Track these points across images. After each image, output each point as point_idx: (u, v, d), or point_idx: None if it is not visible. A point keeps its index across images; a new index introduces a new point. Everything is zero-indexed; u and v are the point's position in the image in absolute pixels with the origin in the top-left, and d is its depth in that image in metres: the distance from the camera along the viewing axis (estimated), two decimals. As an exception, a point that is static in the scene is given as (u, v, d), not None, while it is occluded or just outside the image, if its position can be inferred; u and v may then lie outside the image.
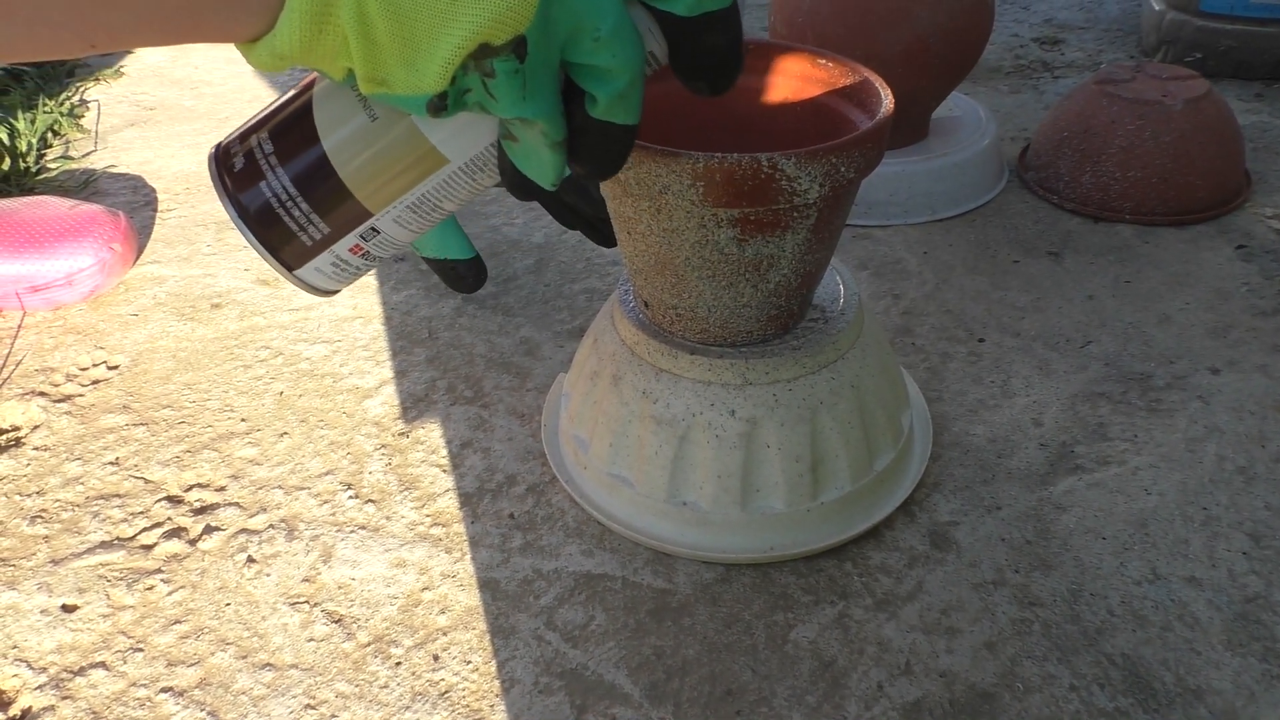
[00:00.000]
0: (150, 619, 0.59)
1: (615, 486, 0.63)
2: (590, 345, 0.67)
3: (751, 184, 0.50)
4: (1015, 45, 1.45)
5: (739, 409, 0.59)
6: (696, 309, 0.59)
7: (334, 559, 0.63)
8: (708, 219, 0.53)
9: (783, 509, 0.60)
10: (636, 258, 0.59)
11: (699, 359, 0.60)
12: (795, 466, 0.60)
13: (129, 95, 1.37)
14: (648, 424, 0.61)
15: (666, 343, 0.61)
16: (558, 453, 0.69)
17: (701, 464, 0.60)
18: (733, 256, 0.55)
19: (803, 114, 0.62)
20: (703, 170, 0.50)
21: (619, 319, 0.64)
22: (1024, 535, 0.63)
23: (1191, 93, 0.96)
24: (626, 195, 0.54)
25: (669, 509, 0.61)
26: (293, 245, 0.39)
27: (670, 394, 0.60)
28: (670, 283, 0.58)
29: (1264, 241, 0.93)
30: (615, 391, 0.63)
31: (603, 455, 0.64)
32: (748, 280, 0.56)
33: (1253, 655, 0.55)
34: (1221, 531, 0.62)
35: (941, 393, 0.75)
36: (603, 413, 0.64)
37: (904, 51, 0.90)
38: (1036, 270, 0.90)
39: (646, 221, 0.55)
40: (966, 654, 0.56)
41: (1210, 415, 0.72)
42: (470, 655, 0.57)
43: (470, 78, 0.33)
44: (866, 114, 0.58)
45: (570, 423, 0.67)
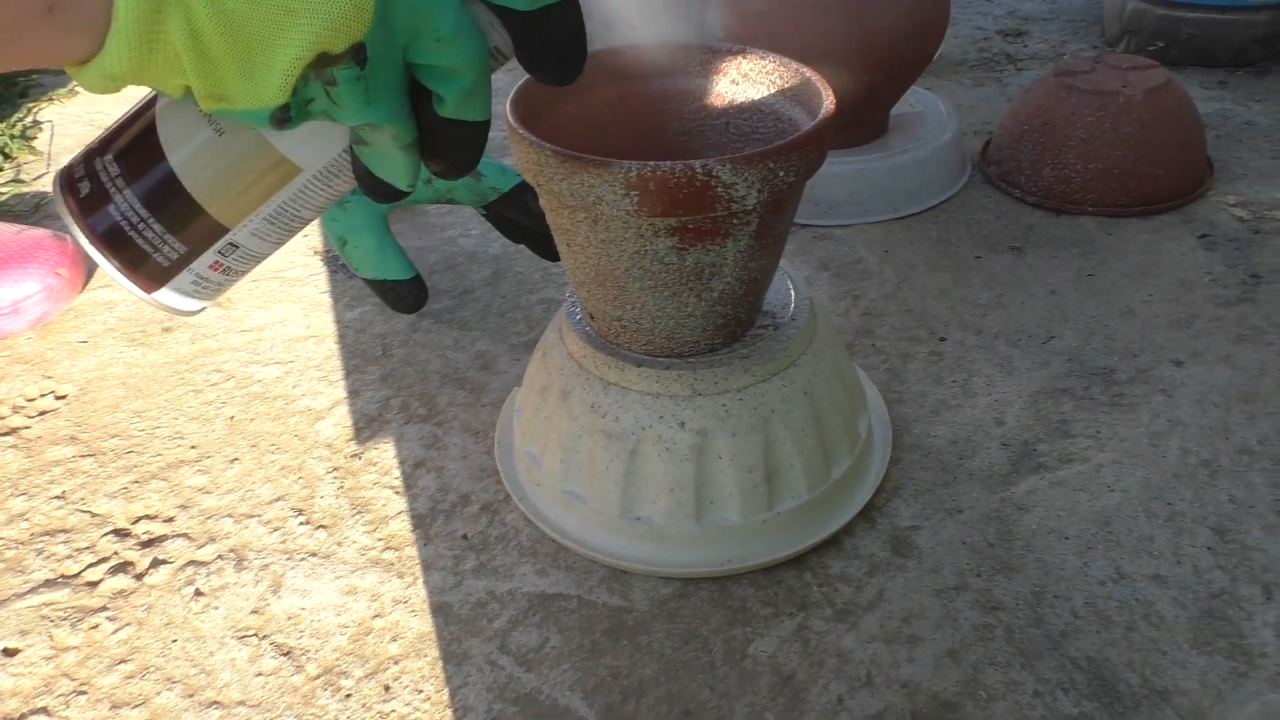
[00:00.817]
0: (94, 659, 0.58)
1: (569, 503, 0.62)
2: (540, 360, 0.66)
3: (687, 192, 0.49)
4: (979, 38, 1.44)
5: (689, 421, 0.58)
6: (641, 320, 0.58)
7: (284, 588, 0.61)
8: (644, 229, 0.52)
9: (738, 520, 0.59)
10: (578, 270, 0.58)
11: (646, 371, 0.59)
12: (749, 477, 0.59)
13: (84, 115, 1.35)
14: (598, 438, 0.60)
15: (614, 355, 0.60)
16: (511, 470, 0.68)
17: (653, 478, 0.59)
18: (673, 266, 0.54)
19: (748, 115, 0.61)
20: (636, 179, 0.49)
21: (566, 332, 0.63)
22: (986, 538, 0.62)
23: (1151, 82, 0.95)
24: (562, 207, 0.53)
25: (623, 524, 0.60)
26: (148, 266, 0.37)
27: (619, 407, 0.59)
28: (613, 294, 0.57)
29: (1226, 230, 0.92)
30: (565, 406, 0.62)
31: (555, 472, 0.62)
32: (691, 290, 0.55)
33: (1219, 653, 0.54)
34: (1186, 527, 0.61)
35: (902, 394, 0.74)
36: (553, 428, 0.62)
37: (859, 49, 0.89)
38: (999, 266, 0.89)
39: (584, 233, 0.54)
40: (928, 663, 0.55)
41: (1173, 408, 0.71)
42: (422, 684, 0.55)
43: (312, 87, 0.32)
44: (809, 114, 0.57)
45: (522, 439, 0.66)
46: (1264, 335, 0.77)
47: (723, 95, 0.61)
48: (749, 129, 0.61)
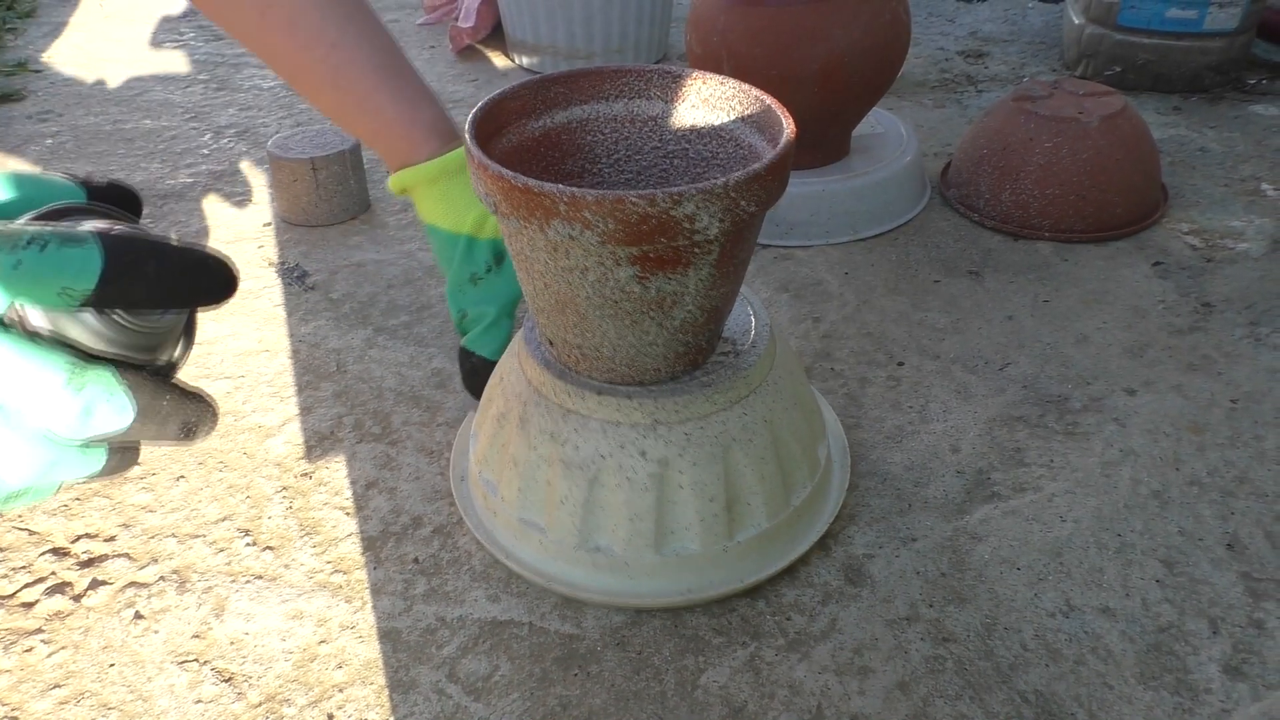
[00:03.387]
0: (28, 683, 0.56)
1: (525, 532, 0.61)
2: (497, 385, 0.65)
3: (650, 223, 0.48)
4: (940, 59, 1.45)
5: (650, 450, 0.57)
6: (601, 348, 0.57)
7: (227, 612, 0.60)
8: (606, 258, 0.51)
9: (698, 550, 0.59)
10: (536, 296, 0.56)
11: (607, 399, 0.58)
12: (710, 506, 0.58)
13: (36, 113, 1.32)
14: (556, 467, 0.59)
15: (573, 383, 0.59)
16: (466, 496, 0.67)
17: (613, 507, 0.58)
18: (635, 295, 0.53)
19: (707, 140, 0.60)
20: (597, 208, 0.48)
21: (524, 358, 0.62)
22: (939, 567, 0.62)
23: (1107, 109, 0.96)
24: (521, 234, 0.52)
25: (581, 555, 0.60)
26: None
27: (579, 436, 0.58)
28: (573, 322, 0.56)
29: (1180, 258, 0.93)
30: (523, 434, 0.60)
31: (512, 500, 0.62)
32: (652, 318, 0.54)
33: (1165, 688, 0.54)
34: (1135, 559, 0.62)
35: (860, 419, 0.74)
36: (510, 456, 0.61)
37: (820, 71, 0.89)
38: (957, 290, 0.90)
39: (543, 260, 0.53)
40: (878, 695, 0.54)
41: (1126, 438, 0.71)
42: (367, 713, 0.54)
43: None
44: (769, 141, 0.56)
45: (479, 465, 0.65)
46: (1214, 365, 0.78)
47: (682, 120, 0.61)
48: (709, 154, 0.61)
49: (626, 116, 0.61)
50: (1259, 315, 0.84)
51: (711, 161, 0.61)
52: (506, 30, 1.46)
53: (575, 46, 1.39)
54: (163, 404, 0.48)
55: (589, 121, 0.61)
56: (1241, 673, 0.55)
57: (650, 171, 0.62)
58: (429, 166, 0.67)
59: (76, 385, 0.44)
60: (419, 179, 0.67)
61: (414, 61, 1.47)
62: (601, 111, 0.61)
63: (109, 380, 0.46)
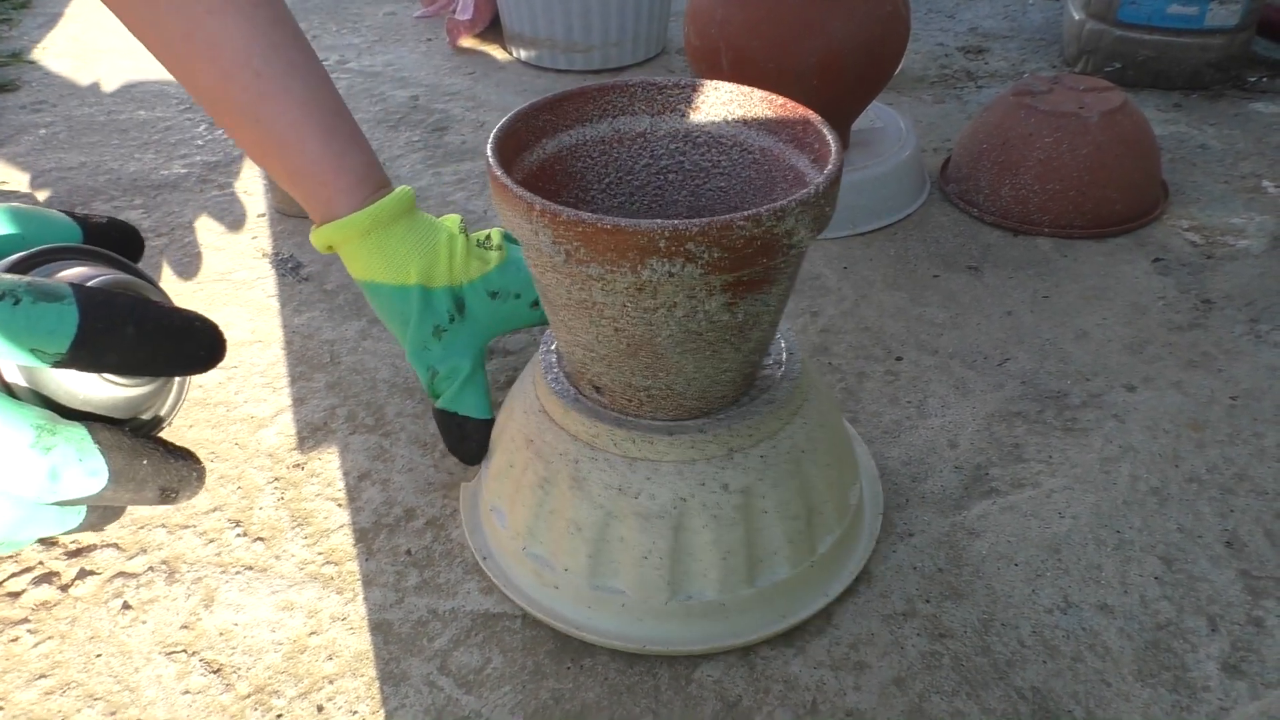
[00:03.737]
0: (13, 673, 0.55)
1: (603, 600, 0.56)
2: (522, 449, 0.58)
3: (756, 244, 0.45)
4: (940, 54, 1.45)
5: (731, 481, 0.54)
6: (674, 385, 0.52)
7: (216, 603, 0.60)
8: (700, 289, 0.46)
9: (787, 574, 0.56)
10: (599, 345, 0.51)
11: (679, 438, 0.54)
12: (794, 524, 0.56)
13: (30, 103, 1.31)
14: (630, 522, 0.54)
15: (635, 429, 0.54)
16: (509, 578, 0.59)
17: (702, 550, 0.54)
18: (721, 323, 0.49)
19: (706, 150, 0.58)
20: (701, 238, 0.43)
21: (563, 414, 0.56)
22: (936, 563, 0.61)
23: (1107, 105, 0.96)
24: (602, 279, 0.46)
25: (674, 607, 0.55)
26: None
27: (652, 484, 0.53)
28: (645, 364, 0.51)
29: (1180, 254, 0.92)
30: (581, 496, 0.54)
31: (580, 569, 0.55)
32: (731, 344, 0.51)
33: (1163, 686, 0.53)
34: (1134, 555, 0.61)
35: (857, 414, 0.73)
36: (569, 522, 0.55)
37: (819, 64, 0.89)
38: (956, 285, 0.89)
39: (622, 304, 0.47)
40: (874, 691, 0.54)
41: (1125, 434, 0.71)
42: (357, 705, 0.54)
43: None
44: (780, 139, 0.55)
45: (522, 541, 0.58)
46: (1214, 361, 0.78)
47: (673, 131, 0.58)
48: (707, 163, 0.58)
49: (614, 137, 0.58)
50: (1259, 312, 0.83)
51: (712, 170, 0.58)
52: (504, 23, 1.45)
53: (573, 40, 1.38)
54: (140, 467, 0.46)
55: (577, 148, 0.57)
56: (1240, 671, 0.54)
57: (644, 191, 0.59)
58: (359, 218, 0.61)
59: (44, 446, 0.42)
60: (349, 232, 0.61)
61: (411, 54, 1.46)
62: (588, 135, 0.57)
63: (81, 441, 0.43)
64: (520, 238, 0.48)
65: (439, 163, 1.15)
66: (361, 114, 1.28)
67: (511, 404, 0.61)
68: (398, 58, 1.47)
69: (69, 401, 0.45)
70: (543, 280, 0.50)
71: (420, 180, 1.10)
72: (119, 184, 1.10)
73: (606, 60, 1.41)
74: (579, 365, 0.55)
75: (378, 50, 1.51)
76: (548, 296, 0.51)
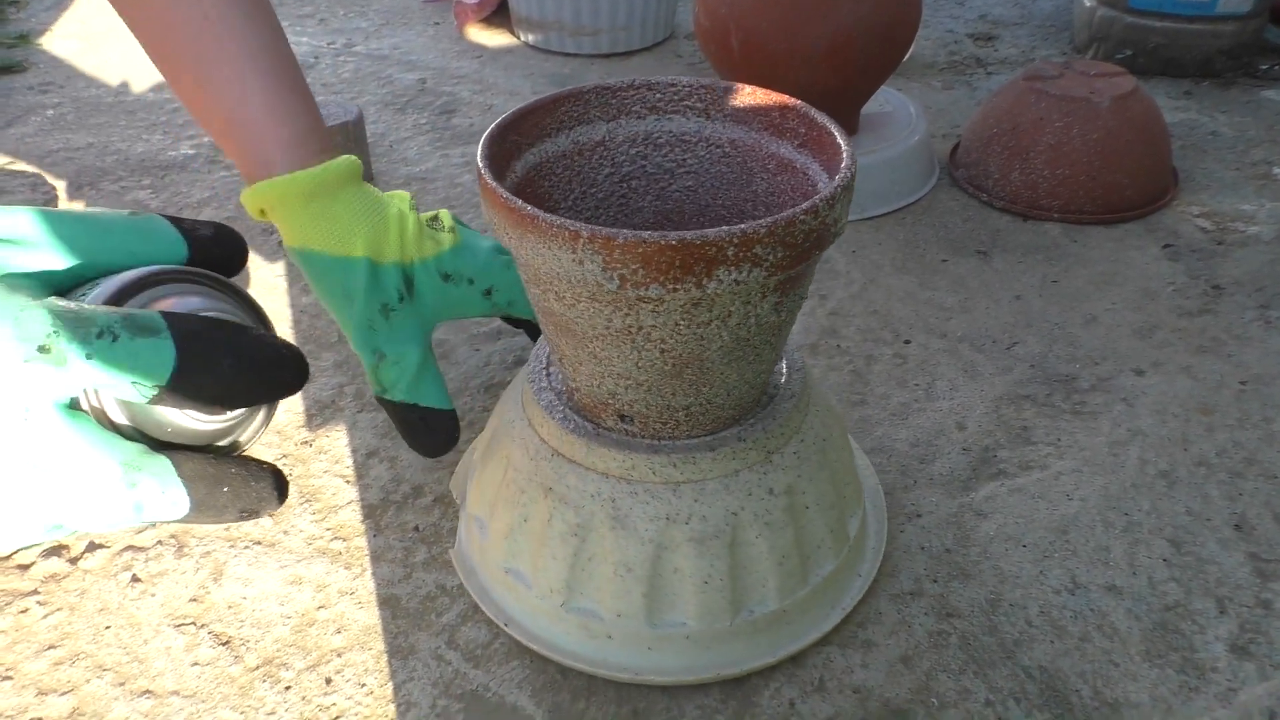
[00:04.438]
0: (22, 644, 0.56)
1: (663, 641, 0.52)
2: (544, 502, 0.52)
3: (813, 237, 0.43)
4: (949, 41, 1.44)
5: (775, 484, 0.52)
6: (715, 399, 0.50)
7: (225, 576, 0.60)
8: (755, 293, 0.44)
9: (833, 565, 0.55)
10: (638, 371, 0.48)
11: (721, 452, 0.51)
12: (832, 514, 0.55)
13: (37, 84, 1.31)
14: (685, 549, 0.51)
15: (673, 452, 0.51)
16: (546, 639, 0.54)
17: (759, 560, 0.52)
18: (768, 325, 0.47)
19: (670, 150, 0.56)
20: (769, 239, 0.41)
21: (587, 453, 0.52)
22: (944, 543, 0.61)
23: (1118, 90, 0.95)
24: (661, 300, 0.43)
25: (741, 625, 0.52)
26: None
27: (701, 506, 0.51)
28: (688, 382, 0.48)
29: (1190, 240, 0.92)
30: (627, 536, 0.51)
31: (636, 614, 0.52)
32: (770, 345, 0.49)
33: (1170, 666, 0.53)
34: (1142, 538, 0.61)
35: (865, 396, 0.73)
36: (618, 565, 0.51)
37: (830, 46, 0.88)
38: (965, 270, 0.89)
39: (675, 323, 0.44)
40: (881, 668, 0.54)
41: (1134, 418, 0.71)
42: (365, 678, 0.54)
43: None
44: (753, 129, 0.54)
45: (560, 596, 0.53)
46: (1224, 347, 0.77)
47: (632, 135, 0.56)
48: (671, 163, 0.56)
49: (573, 149, 0.55)
50: (1269, 298, 0.83)
51: (677, 171, 0.56)
52: (512, 7, 1.44)
53: (581, 23, 1.38)
54: (220, 494, 0.46)
55: (542, 166, 0.53)
56: (1248, 652, 0.54)
57: (608, 202, 0.56)
58: (301, 177, 0.55)
59: (130, 481, 0.43)
60: (289, 193, 0.56)
61: (418, 38, 1.46)
62: (550, 151, 0.54)
63: (165, 475, 0.44)
64: (550, 270, 0.43)
65: (446, 145, 1.14)
66: (368, 97, 1.28)
67: (503, 455, 0.56)
68: (405, 40, 1.47)
69: (158, 434, 0.46)
70: (569, 314, 0.46)
71: (428, 162, 1.10)
72: (127, 164, 1.10)
73: (615, 44, 1.41)
74: (605, 397, 0.51)
75: (385, 33, 1.50)
76: (573, 330, 0.47)
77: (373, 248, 0.58)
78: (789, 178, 0.53)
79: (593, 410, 0.52)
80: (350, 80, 1.33)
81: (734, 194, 0.56)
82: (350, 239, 0.57)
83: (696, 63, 1.39)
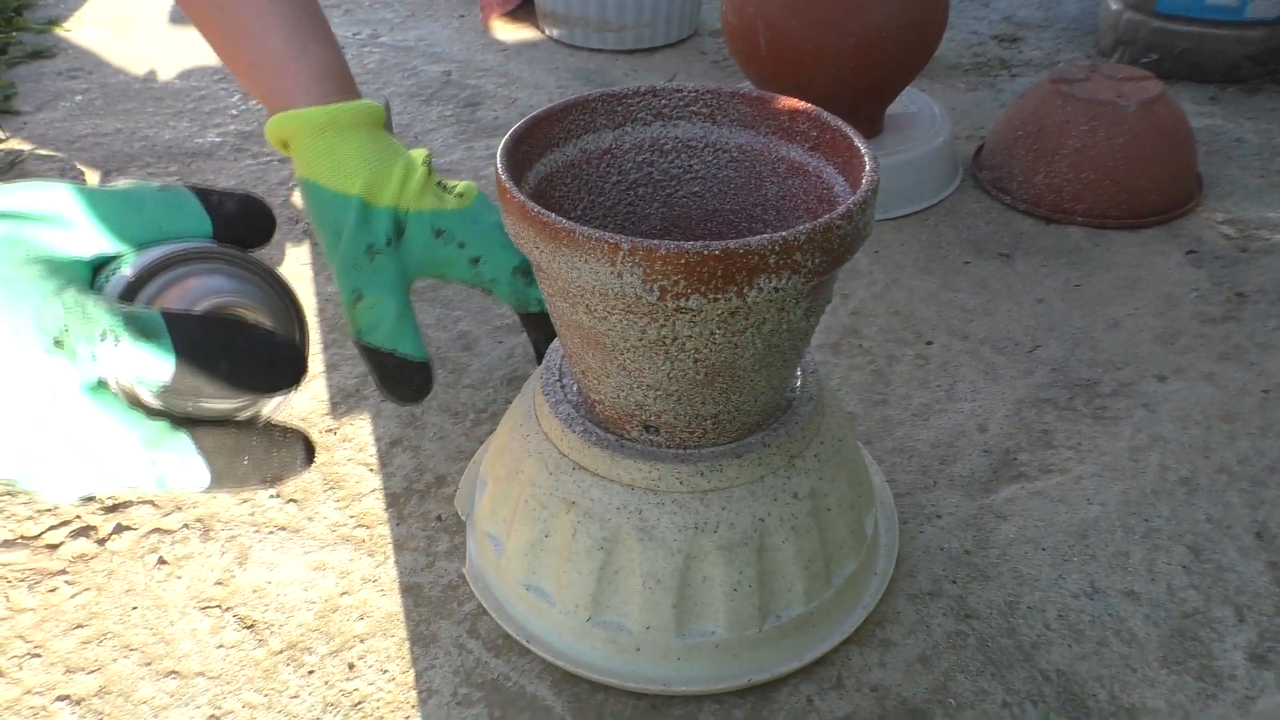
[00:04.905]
0: (51, 623, 0.56)
1: (693, 653, 0.52)
2: (565, 516, 0.52)
3: (849, 241, 0.43)
4: (974, 43, 1.44)
5: (799, 488, 0.52)
6: (743, 405, 0.50)
7: (250, 561, 0.60)
8: (790, 299, 0.44)
9: (854, 566, 0.55)
10: (669, 382, 0.47)
11: (747, 458, 0.51)
12: (851, 515, 0.55)
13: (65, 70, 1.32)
14: (714, 558, 0.50)
15: (698, 461, 0.51)
16: (581, 660, 0.53)
17: (786, 563, 0.52)
18: (798, 330, 0.47)
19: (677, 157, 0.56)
20: (808, 245, 0.41)
21: (611, 466, 0.51)
22: (963, 545, 0.61)
23: (1145, 94, 0.95)
24: (683, 314, 0.43)
25: (770, 632, 0.52)
26: None
27: (729, 513, 0.50)
28: (719, 391, 0.48)
29: (1214, 247, 0.92)
30: (655, 548, 0.50)
31: (667, 626, 0.51)
32: (797, 350, 0.49)
33: (1188, 673, 0.54)
34: (1162, 544, 0.61)
35: (887, 396, 0.74)
36: (644, 578, 0.51)
37: (857, 46, 0.88)
38: (987, 272, 0.89)
39: (710, 333, 0.44)
40: (899, 668, 0.54)
41: (1155, 424, 0.71)
42: (387, 664, 0.54)
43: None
44: (784, 137, 0.53)
45: (588, 611, 0.52)
46: (1247, 354, 0.77)
47: (639, 143, 0.56)
48: (679, 170, 0.56)
49: (581, 158, 0.54)
50: (1293, 307, 0.83)
51: (683, 177, 0.56)
52: (537, 0, 1.45)
53: (606, 19, 1.38)
54: (240, 465, 0.49)
55: (552, 176, 0.53)
56: (1268, 661, 0.54)
57: (615, 210, 0.56)
58: (316, 112, 0.59)
59: (150, 458, 0.45)
60: (302, 126, 0.59)
61: (444, 30, 1.47)
62: (559, 160, 0.53)
63: (185, 450, 0.47)
64: (584, 283, 0.43)
65: (471, 137, 1.15)
66: (394, 88, 1.28)
67: (518, 471, 0.55)
68: (430, 33, 1.48)
69: (180, 411, 0.49)
70: (600, 327, 0.45)
71: (453, 154, 1.11)
72: (154, 151, 1.11)
73: (639, 40, 1.41)
74: (631, 408, 0.50)
75: (410, 25, 1.51)
76: (602, 343, 0.47)
77: (370, 189, 0.60)
78: (801, 181, 0.53)
79: (616, 422, 0.52)
80: (376, 71, 1.34)
81: (742, 199, 0.56)
82: (351, 177, 0.59)
83: (721, 60, 1.39)
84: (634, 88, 0.54)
